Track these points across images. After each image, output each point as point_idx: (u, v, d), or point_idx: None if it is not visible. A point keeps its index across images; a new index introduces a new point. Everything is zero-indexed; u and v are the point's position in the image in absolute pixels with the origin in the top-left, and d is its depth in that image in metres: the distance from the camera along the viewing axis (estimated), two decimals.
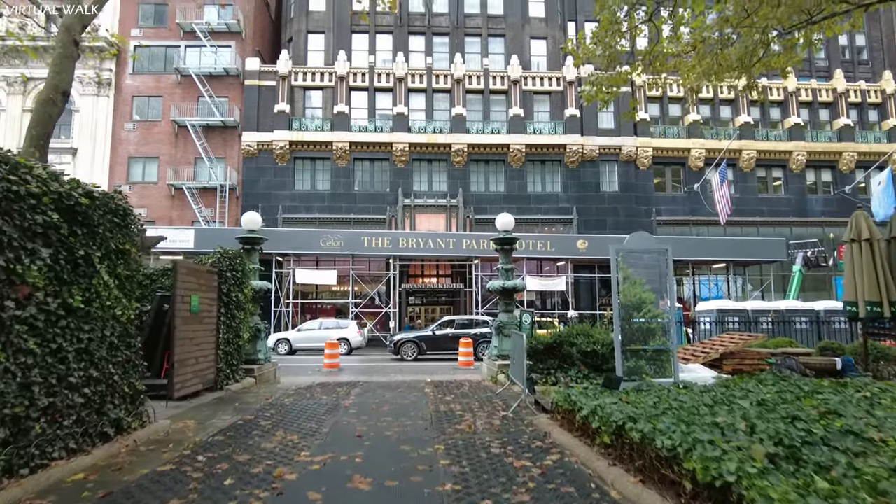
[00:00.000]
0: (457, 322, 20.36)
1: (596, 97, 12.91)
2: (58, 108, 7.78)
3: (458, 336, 19.59)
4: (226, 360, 9.09)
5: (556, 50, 31.91)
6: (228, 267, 9.25)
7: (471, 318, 21.01)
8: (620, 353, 6.30)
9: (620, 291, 6.45)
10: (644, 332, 6.32)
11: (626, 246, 6.77)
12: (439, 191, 29.33)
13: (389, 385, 10.35)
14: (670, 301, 6.32)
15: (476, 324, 20.32)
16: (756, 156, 31.08)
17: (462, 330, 19.86)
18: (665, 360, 6.35)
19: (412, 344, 19.62)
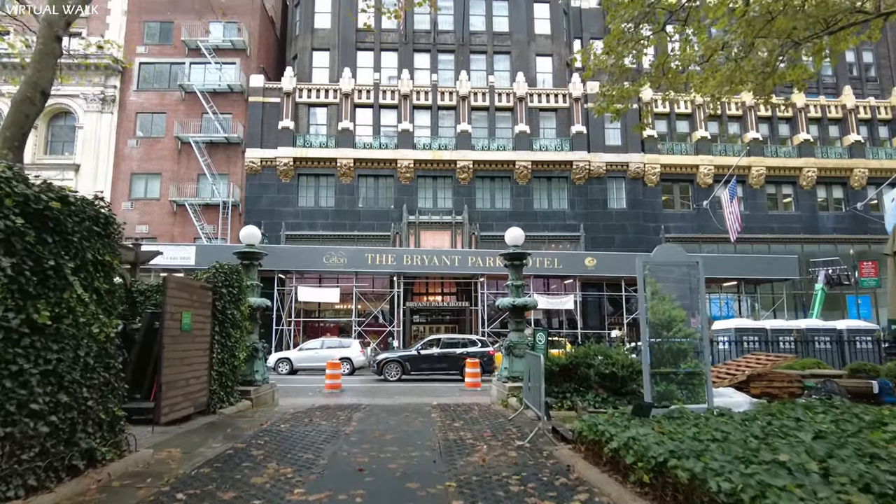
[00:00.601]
0: (443, 341, 19.68)
1: (607, 110, 12.50)
2: (35, 108, 7.34)
3: (445, 356, 18.93)
4: (220, 381, 8.54)
5: (561, 67, 31.74)
6: (224, 283, 8.75)
7: (458, 338, 20.32)
8: (649, 377, 5.74)
9: (648, 308, 5.90)
10: (674, 354, 5.76)
11: (653, 258, 6.25)
12: (444, 208, 28.91)
13: (393, 408, 9.75)
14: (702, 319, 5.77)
15: (463, 343, 19.64)
16: (766, 172, 30.60)
17: (448, 349, 19.18)
18: (698, 384, 5.78)
19: (395, 364, 18.90)
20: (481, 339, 19.97)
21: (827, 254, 30.11)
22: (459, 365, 18.74)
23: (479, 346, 19.34)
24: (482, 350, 19.16)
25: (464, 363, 18.80)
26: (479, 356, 18.94)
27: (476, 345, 19.45)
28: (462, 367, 18.76)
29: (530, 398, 7.58)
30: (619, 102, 12.33)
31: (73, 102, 28.98)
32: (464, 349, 19.15)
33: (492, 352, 19.35)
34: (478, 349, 19.19)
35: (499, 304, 10.84)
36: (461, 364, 18.76)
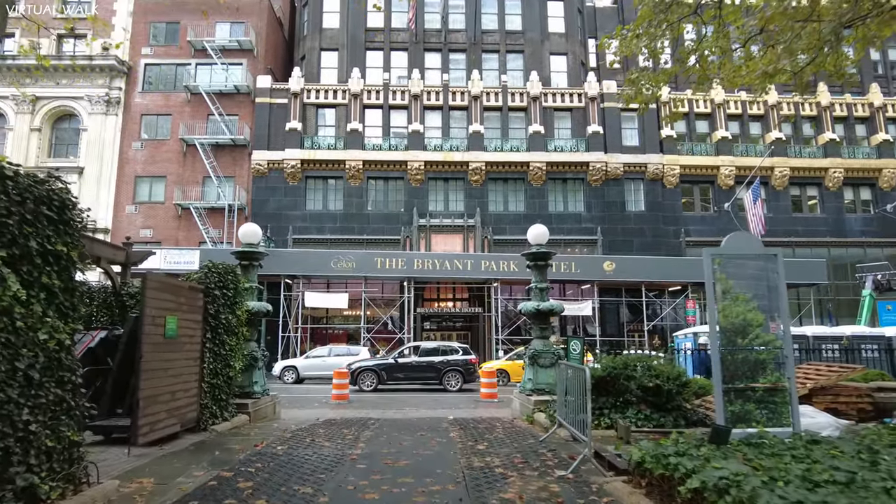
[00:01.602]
0: (422, 349, 18.61)
1: (635, 99, 11.50)
2: None
3: (424, 364, 17.88)
4: (212, 394, 7.61)
5: (576, 66, 30.81)
6: (218, 284, 7.84)
7: (438, 345, 19.23)
8: (722, 394, 4.75)
9: (719, 310, 4.91)
10: (751, 365, 4.78)
11: (724, 249, 5.28)
12: (456, 211, 27.97)
13: (406, 424, 8.78)
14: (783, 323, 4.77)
15: (443, 351, 18.54)
16: (789, 173, 29.41)
17: (427, 358, 18.12)
18: (780, 403, 4.78)
19: (371, 373, 17.84)
20: (463, 347, 18.90)
21: (854, 258, 28.85)
22: (440, 374, 17.76)
23: (460, 354, 18.30)
24: (464, 358, 18.13)
25: (444, 372, 17.82)
26: (460, 365, 17.94)
27: (457, 353, 18.38)
28: (442, 376, 17.78)
29: (565, 415, 6.59)
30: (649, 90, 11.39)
31: (78, 104, 28.44)
32: (444, 357, 18.10)
33: (474, 360, 18.36)
34: (459, 357, 18.16)
35: (522, 308, 9.85)
36: (441, 373, 17.76)
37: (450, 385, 17.70)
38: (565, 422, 6.57)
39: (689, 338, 13.21)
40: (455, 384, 17.71)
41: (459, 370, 17.80)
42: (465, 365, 17.91)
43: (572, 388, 6.14)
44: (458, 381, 17.75)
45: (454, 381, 17.76)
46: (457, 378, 17.76)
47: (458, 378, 17.76)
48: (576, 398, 5.95)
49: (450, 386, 17.68)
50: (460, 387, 17.73)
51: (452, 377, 17.80)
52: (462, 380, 17.81)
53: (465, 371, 17.87)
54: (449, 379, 17.78)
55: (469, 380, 18.03)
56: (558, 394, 6.87)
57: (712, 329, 4.95)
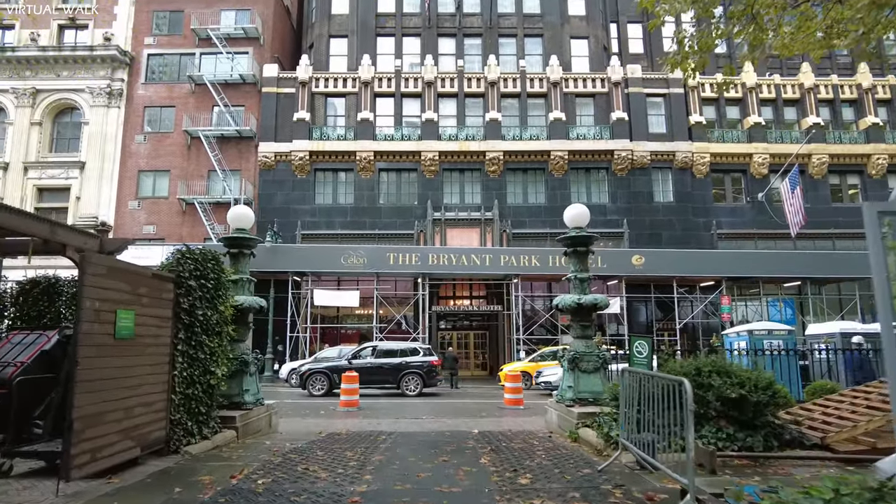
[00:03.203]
0: (378, 349, 17.17)
1: (680, 65, 9.94)
2: None
3: (380, 367, 16.33)
4: (186, 407, 6.23)
5: (598, 50, 29.14)
6: (194, 273, 6.45)
7: (396, 346, 17.73)
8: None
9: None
10: None
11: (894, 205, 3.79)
12: (472, 203, 26.48)
13: (424, 441, 7.34)
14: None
15: (402, 352, 17.08)
16: (828, 160, 27.47)
17: (385, 359, 16.67)
18: None
19: (322, 376, 16.43)
20: (424, 348, 17.40)
21: None
22: (397, 377, 16.30)
23: (421, 356, 16.85)
24: (424, 360, 16.69)
25: (403, 375, 16.27)
26: (419, 367, 16.43)
27: (417, 353, 16.92)
28: (400, 379, 16.25)
29: (633, 436, 5.09)
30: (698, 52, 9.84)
31: (79, 97, 27.40)
32: (403, 359, 16.67)
33: (435, 362, 16.87)
34: (419, 359, 16.71)
35: (559, 303, 8.35)
36: (399, 376, 16.28)
37: (408, 389, 16.27)
38: (632, 445, 5.08)
39: (743, 336, 11.60)
40: (414, 388, 16.29)
41: (419, 373, 16.36)
42: (425, 367, 16.45)
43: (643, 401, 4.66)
44: (418, 386, 16.32)
45: (413, 384, 16.34)
46: (416, 382, 16.34)
47: (418, 382, 16.34)
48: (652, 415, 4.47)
49: (408, 390, 16.26)
50: (419, 391, 16.29)
51: (411, 381, 16.38)
52: (422, 384, 16.39)
53: (425, 374, 16.44)
54: (407, 383, 16.36)
55: (429, 384, 16.59)
56: (621, 409, 5.37)
57: (883, 309, 3.45)
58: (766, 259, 24.43)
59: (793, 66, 30.49)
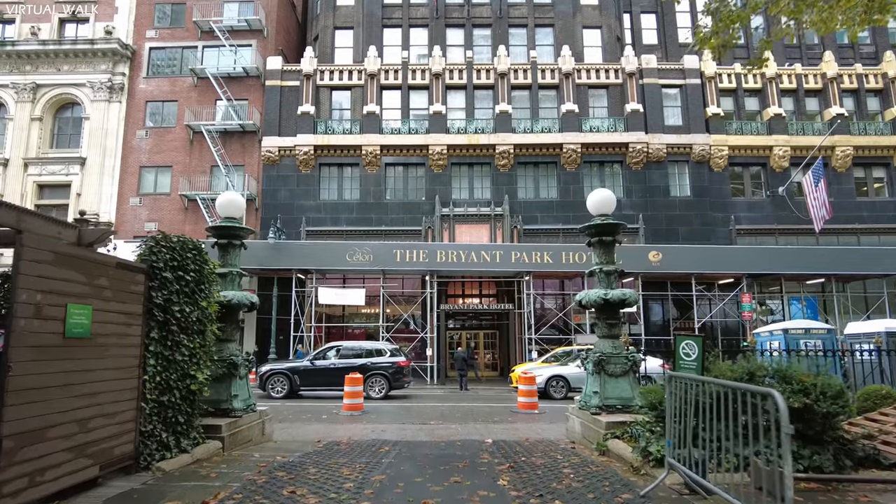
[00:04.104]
0: (342, 350, 16.32)
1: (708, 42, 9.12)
2: None
3: (344, 368, 15.36)
4: (161, 416, 5.45)
5: (611, 40, 28.19)
6: (170, 263, 5.67)
7: (361, 346, 16.89)
8: None
9: None
10: None
11: None
12: (482, 198, 25.64)
13: (433, 453, 6.54)
14: None
15: (368, 352, 16.21)
16: (852, 153, 26.36)
17: (348, 360, 15.78)
18: None
19: (282, 377, 15.63)
20: (391, 348, 16.48)
21: None
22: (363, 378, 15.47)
23: (387, 356, 15.98)
24: (390, 361, 15.83)
25: (367, 377, 15.30)
26: (385, 368, 15.52)
27: (383, 354, 16.05)
28: (365, 380, 15.20)
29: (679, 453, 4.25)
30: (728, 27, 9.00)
31: (80, 91, 26.82)
32: (368, 360, 15.82)
33: (403, 363, 15.95)
34: (385, 360, 15.84)
35: (582, 298, 7.51)
36: (364, 378, 15.18)
37: (373, 392, 15.41)
38: (680, 465, 4.23)
39: (778, 335, 10.68)
40: (379, 391, 15.45)
41: (384, 375, 15.50)
42: (391, 369, 15.58)
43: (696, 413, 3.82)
44: (384, 388, 15.48)
45: (378, 387, 15.49)
46: (381, 384, 15.49)
47: (384, 384, 15.49)
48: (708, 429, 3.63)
49: (373, 393, 15.39)
50: (385, 394, 15.46)
51: (376, 383, 15.52)
52: (388, 386, 15.53)
53: (391, 376, 15.57)
54: (372, 385, 15.48)
55: (396, 386, 15.71)
56: (668, 421, 4.52)
57: None
58: (788, 255, 23.39)
59: (814, 55, 29.42)
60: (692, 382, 4.26)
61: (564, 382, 16.02)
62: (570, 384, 15.84)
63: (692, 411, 4.20)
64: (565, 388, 15.92)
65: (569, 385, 15.82)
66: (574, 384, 15.77)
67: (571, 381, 15.88)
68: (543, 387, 15.87)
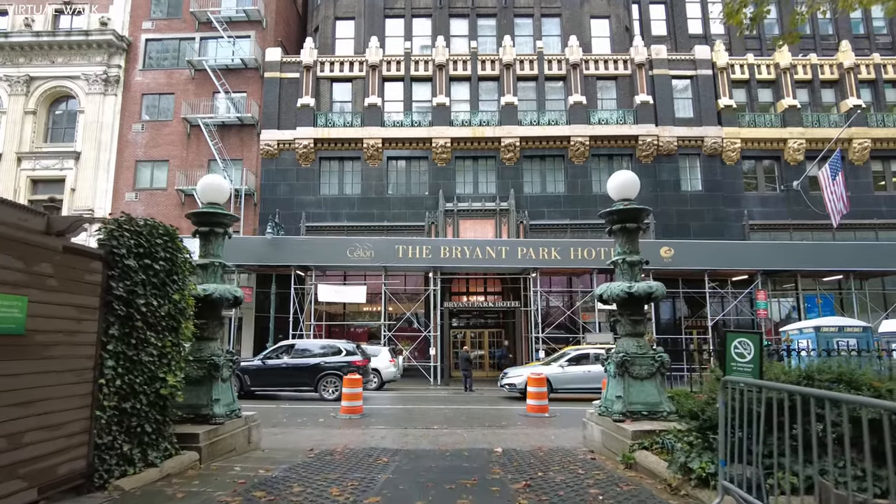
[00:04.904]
0: (296, 348, 15.55)
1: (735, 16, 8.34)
2: None
3: (297, 367, 14.63)
4: (123, 426, 4.72)
5: (620, 30, 27.36)
6: (135, 251, 4.93)
7: (315, 344, 16.09)
8: None
9: None
10: None
11: None
12: (487, 193, 24.87)
13: (437, 466, 5.80)
14: None
15: (323, 351, 15.45)
16: (870, 145, 25.49)
17: (301, 360, 15.04)
18: None
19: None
20: (348, 347, 15.64)
21: None
22: (315, 379, 14.70)
23: (342, 356, 15.19)
24: (345, 360, 15.04)
25: (321, 377, 14.57)
26: (340, 368, 14.70)
27: (340, 353, 15.27)
28: (318, 382, 14.58)
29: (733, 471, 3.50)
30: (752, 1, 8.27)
31: (74, 84, 26.17)
32: (321, 359, 15.05)
33: (360, 362, 15.11)
34: (340, 359, 15.07)
35: (604, 293, 6.73)
36: (317, 378, 14.65)
37: (326, 392, 14.69)
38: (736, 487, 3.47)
39: (808, 333, 9.87)
40: (332, 392, 14.67)
41: (339, 375, 14.66)
42: (346, 369, 14.76)
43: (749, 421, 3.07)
44: (337, 389, 14.61)
45: (331, 388, 14.72)
46: (335, 385, 14.70)
47: (337, 384, 14.64)
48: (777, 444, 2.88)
49: (326, 394, 14.67)
50: (338, 395, 14.53)
51: (330, 383, 14.76)
52: (342, 387, 14.75)
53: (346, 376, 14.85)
54: (326, 385, 14.76)
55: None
56: (722, 436, 3.75)
57: None
58: (803, 251, 22.57)
59: (828, 46, 28.56)
60: (753, 389, 3.51)
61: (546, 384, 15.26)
62: (552, 385, 15.06)
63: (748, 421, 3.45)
64: (547, 389, 15.17)
65: (551, 386, 15.05)
66: (556, 385, 15.02)
67: (554, 382, 15.10)
68: (524, 388, 15.19)
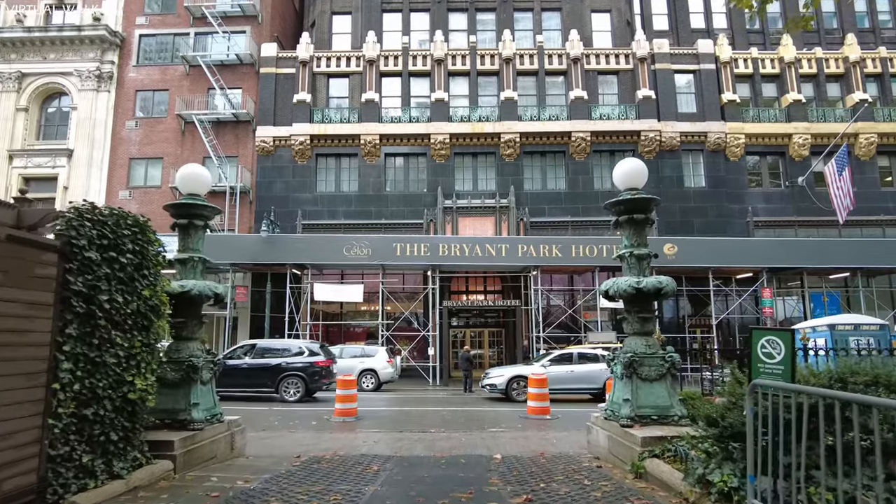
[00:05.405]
0: (257, 348, 15.09)
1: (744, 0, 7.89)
2: None
3: (257, 368, 14.16)
4: (84, 434, 4.29)
5: (621, 24, 26.91)
6: (97, 242, 4.49)
7: (276, 344, 15.72)
8: None
9: None
10: None
11: None
12: (486, 190, 24.43)
13: (431, 475, 5.38)
14: None
15: (284, 351, 15.01)
16: (877, 140, 25.03)
17: (262, 360, 14.59)
18: None
19: None
20: (310, 347, 15.21)
21: None
22: (275, 380, 14.26)
23: (304, 356, 14.75)
24: (307, 361, 14.63)
25: (281, 378, 14.14)
26: (301, 369, 14.33)
27: (301, 353, 14.82)
28: (279, 383, 14.16)
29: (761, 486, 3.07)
30: None
31: (67, 81, 25.73)
32: (282, 359, 14.62)
33: (322, 363, 14.71)
34: (302, 359, 14.63)
35: (610, 288, 6.30)
36: (278, 379, 14.21)
37: (287, 394, 14.24)
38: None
39: (822, 332, 9.44)
40: (294, 393, 14.27)
41: (300, 376, 14.31)
42: (309, 369, 14.38)
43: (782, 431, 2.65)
44: (299, 390, 14.28)
45: (293, 389, 14.32)
46: (297, 386, 14.31)
47: (300, 386, 14.30)
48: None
49: (287, 395, 14.22)
50: (300, 397, 14.25)
51: (291, 385, 14.34)
52: (304, 388, 14.32)
53: (308, 377, 14.37)
54: (287, 387, 14.31)
55: (313, 388, 14.50)
56: (750, 449, 3.32)
57: None
58: (809, 248, 22.13)
59: (833, 40, 28.09)
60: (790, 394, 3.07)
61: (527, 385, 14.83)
62: None
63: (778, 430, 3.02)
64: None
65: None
66: None
67: None
68: (504, 388, 14.73)
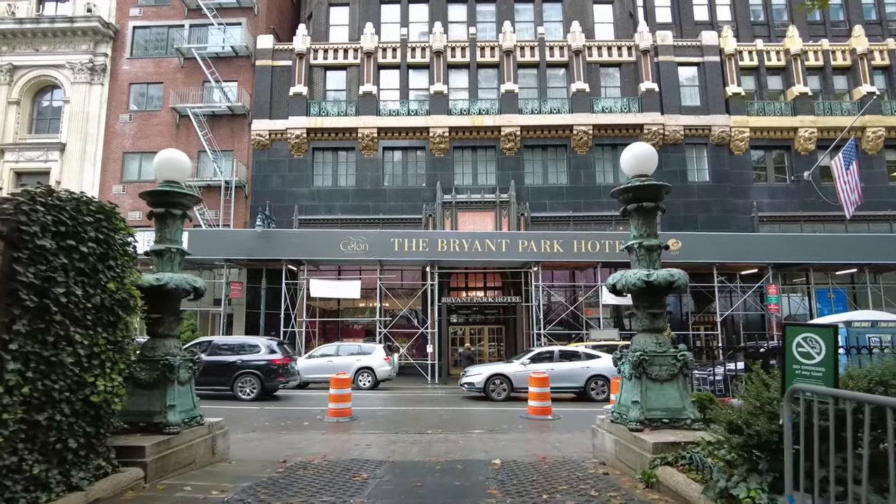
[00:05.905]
0: (213, 345, 14.65)
1: None
2: None
3: (212, 365, 13.49)
4: (35, 443, 3.86)
5: (624, 16, 26.40)
6: (52, 229, 4.05)
7: (233, 341, 15.30)
8: None
9: None
10: None
11: None
12: (486, 184, 23.98)
13: (424, 485, 4.95)
14: None
15: (243, 347, 14.58)
16: (884, 134, 24.55)
17: (217, 357, 14.07)
18: None
19: None
20: (268, 344, 14.73)
21: None
22: (231, 378, 13.86)
23: (261, 353, 14.30)
24: (264, 359, 14.16)
25: (237, 376, 13.72)
26: (258, 367, 13.89)
27: (257, 350, 14.36)
28: (234, 381, 13.73)
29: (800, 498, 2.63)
30: None
31: (59, 73, 25.28)
32: (238, 357, 14.19)
33: (279, 360, 14.23)
34: (258, 357, 14.18)
35: (618, 282, 5.84)
36: (233, 377, 13.80)
37: (243, 392, 13.83)
38: None
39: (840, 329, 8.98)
40: (250, 392, 13.86)
41: (256, 374, 13.88)
42: (265, 367, 13.92)
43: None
44: (255, 389, 13.85)
45: (249, 387, 13.90)
46: (252, 384, 13.90)
47: (255, 384, 13.87)
48: None
49: (243, 394, 13.81)
50: (256, 395, 13.80)
51: (247, 383, 13.93)
52: (260, 386, 13.87)
53: (264, 375, 13.92)
54: (243, 385, 13.90)
55: (269, 387, 14.07)
56: (788, 462, 2.89)
57: None
58: (815, 244, 21.66)
59: (839, 32, 27.58)
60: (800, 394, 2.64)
61: (507, 383, 14.38)
62: (512, 384, 14.20)
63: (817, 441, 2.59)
64: (507, 388, 14.30)
65: (511, 385, 14.18)
66: (517, 384, 14.07)
67: (515, 380, 14.22)
68: (483, 387, 14.34)
